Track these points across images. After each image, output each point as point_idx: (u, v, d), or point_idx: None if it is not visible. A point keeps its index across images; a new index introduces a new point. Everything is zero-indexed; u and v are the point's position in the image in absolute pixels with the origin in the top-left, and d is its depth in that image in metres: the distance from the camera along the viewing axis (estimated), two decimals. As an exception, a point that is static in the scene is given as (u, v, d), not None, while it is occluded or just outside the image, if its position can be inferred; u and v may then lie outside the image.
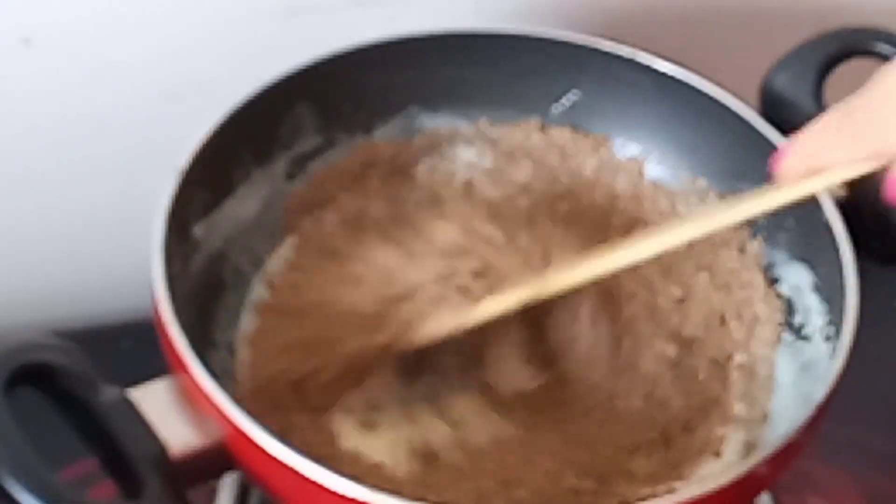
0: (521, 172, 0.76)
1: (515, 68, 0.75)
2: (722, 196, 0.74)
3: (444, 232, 0.69)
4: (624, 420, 0.68)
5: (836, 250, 0.65)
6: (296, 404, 0.65)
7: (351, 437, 0.65)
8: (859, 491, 0.80)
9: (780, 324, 0.70)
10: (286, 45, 0.75)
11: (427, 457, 0.65)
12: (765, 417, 0.68)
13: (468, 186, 0.76)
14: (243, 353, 0.69)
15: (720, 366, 0.70)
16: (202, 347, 0.65)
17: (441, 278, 0.66)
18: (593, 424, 0.67)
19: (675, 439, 0.67)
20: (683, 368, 0.70)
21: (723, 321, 0.72)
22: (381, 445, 0.65)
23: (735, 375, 0.70)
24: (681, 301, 0.72)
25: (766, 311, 0.71)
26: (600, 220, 0.75)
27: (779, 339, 0.70)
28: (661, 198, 0.75)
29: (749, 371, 0.70)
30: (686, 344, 0.71)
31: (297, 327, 0.68)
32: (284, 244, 0.73)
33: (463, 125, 0.77)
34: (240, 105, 0.69)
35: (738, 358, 0.70)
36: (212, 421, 0.58)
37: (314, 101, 0.73)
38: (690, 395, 0.69)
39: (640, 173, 0.76)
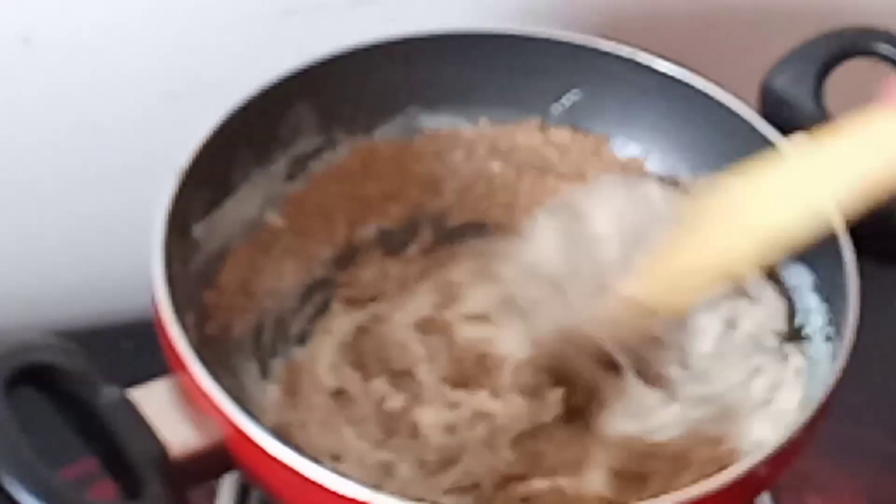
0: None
1: (515, 68, 0.75)
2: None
3: None
4: None
5: (836, 250, 0.65)
6: None
7: None
8: (859, 490, 0.80)
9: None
10: (286, 45, 0.75)
11: None
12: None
13: None
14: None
15: None
16: (202, 347, 0.65)
17: None
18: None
19: None
20: None
21: None
22: None
23: None
24: None
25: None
26: None
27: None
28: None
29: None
30: None
31: None
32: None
33: (463, 125, 0.77)
34: (240, 105, 0.69)
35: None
36: (212, 421, 0.58)
37: (314, 101, 0.73)
38: None
39: (641, 173, 0.76)
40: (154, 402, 0.58)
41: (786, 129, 0.71)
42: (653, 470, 0.65)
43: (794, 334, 0.69)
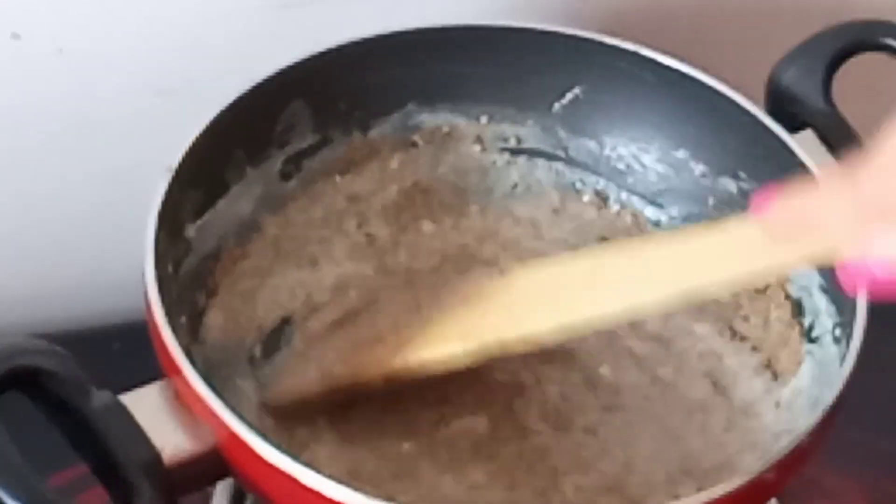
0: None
1: (516, 64, 0.75)
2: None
3: None
4: None
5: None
6: None
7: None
8: (865, 494, 0.80)
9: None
10: (280, 40, 0.75)
11: None
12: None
13: None
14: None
15: None
16: (195, 350, 0.64)
17: None
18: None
19: None
20: None
21: None
22: None
23: None
24: None
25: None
26: None
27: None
28: None
29: None
30: None
31: None
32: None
33: (462, 123, 0.76)
34: (233, 102, 0.68)
35: None
36: (206, 426, 0.58)
37: (309, 99, 0.72)
38: None
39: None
40: (146, 406, 0.58)
41: (793, 125, 0.71)
42: None
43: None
